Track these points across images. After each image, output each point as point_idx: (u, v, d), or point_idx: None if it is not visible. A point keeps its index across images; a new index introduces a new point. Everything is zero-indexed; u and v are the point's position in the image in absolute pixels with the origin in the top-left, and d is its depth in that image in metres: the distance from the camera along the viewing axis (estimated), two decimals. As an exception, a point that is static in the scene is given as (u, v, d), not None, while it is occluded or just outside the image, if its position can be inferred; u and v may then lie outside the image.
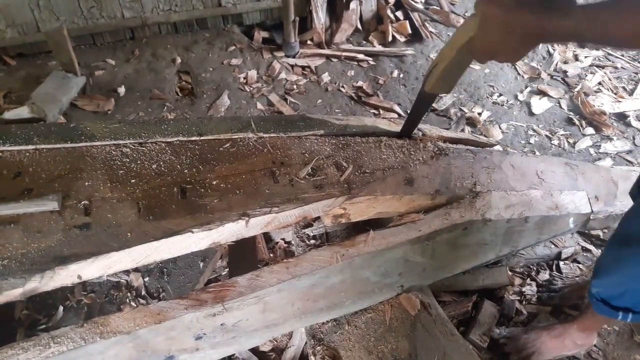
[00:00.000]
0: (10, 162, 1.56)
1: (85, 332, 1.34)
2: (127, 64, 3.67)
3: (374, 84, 3.75)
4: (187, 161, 1.60)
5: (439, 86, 1.56)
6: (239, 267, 1.76)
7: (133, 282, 2.34)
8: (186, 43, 3.87)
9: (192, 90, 3.55)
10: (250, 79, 3.64)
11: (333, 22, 4.10)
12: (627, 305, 1.64)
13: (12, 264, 1.29)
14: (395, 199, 1.60)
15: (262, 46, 3.94)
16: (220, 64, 3.73)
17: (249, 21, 4.04)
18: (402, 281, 1.73)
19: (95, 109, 3.26)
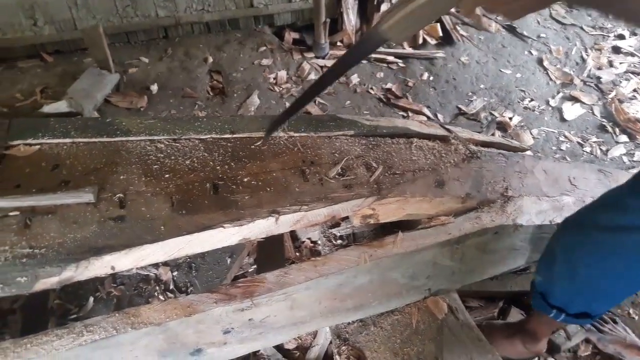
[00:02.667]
0: (48, 154, 1.61)
1: (117, 322, 1.37)
2: (160, 62, 3.74)
3: (403, 86, 3.74)
4: (220, 158, 1.63)
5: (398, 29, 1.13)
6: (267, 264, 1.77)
7: (162, 276, 2.39)
8: (218, 43, 3.92)
9: (223, 89, 3.60)
10: (280, 80, 3.67)
11: (363, 23, 4.10)
12: (561, 306, 1.58)
13: (49, 253, 1.33)
14: (425, 201, 1.59)
15: (293, 47, 3.97)
16: (251, 64, 3.77)
17: (280, 22, 4.07)
18: (430, 284, 1.73)
19: (128, 105, 3.33)
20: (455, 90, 3.78)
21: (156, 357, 1.46)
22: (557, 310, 1.59)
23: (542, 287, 1.62)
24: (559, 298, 1.58)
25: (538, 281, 1.64)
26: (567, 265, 1.50)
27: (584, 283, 1.49)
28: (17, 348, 1.36)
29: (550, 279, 1.59)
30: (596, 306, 1.57)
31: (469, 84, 3.84)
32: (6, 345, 1.37)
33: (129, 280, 2.38)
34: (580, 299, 1.55)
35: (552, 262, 1.57)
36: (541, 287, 1.63)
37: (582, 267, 1.45)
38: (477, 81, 3.87)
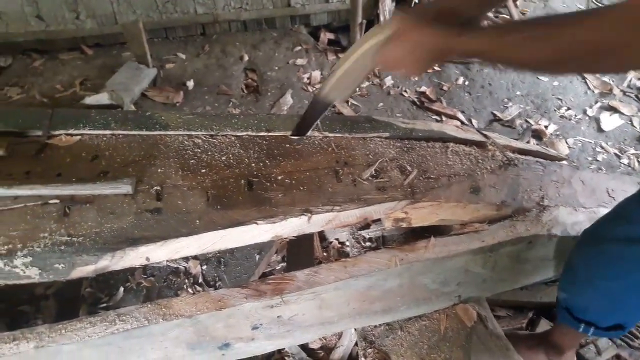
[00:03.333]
0: (88, 145, 1.65)
1: (149, 313, 1.40)
2: (197, 58, 3.79)
3: (438, 90, 3.70)
4: (255, 155, 1.64)
5: (335, 91, 1.46)
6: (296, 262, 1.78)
7: (191, 269, 2.42)
8: (254, 41, 3.96)
9: (257, 87, 3.63)
10: (313, 80, 3.68)
11: (400, 26, 4.08)
12: (590, 320, 1.53)
13: (86, 241, 1.36)
14: (460, 206, 1.58)
15: (327, 47, 3.98)
16: (286, 63, 3.79)
17: (316, 22, 4.08)
18: (460, 291, 1.71)
19: (164, 100, 3.38)
20: (490, 96, 3.72)
21: (185, 349, 1.48)
22: (586, 324, 1.55)
23: (566, 302, 1.59)
24: (585, 312, 1.54)
25: (562, 297, 1.61)
26: (587, 279, 1.47)
27: (606, 296, 1.46)
28: (52, 333, 1.40)
29: (573, 293, 1.56)
30: (628, 318, 1.53)
31: (504, 90, 3.78)
32: (41, 330, 1.41)
33: (159, 272, 2.42)
34: (608, 313, 1.51)
35: (573, 276, 1.54)
36: (566, 302, 1.60)
37: (602, 280, 1.42)
38: (513, 87, 3.81)
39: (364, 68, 1.37)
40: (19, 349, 1.38)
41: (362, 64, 1.35)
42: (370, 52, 1.29)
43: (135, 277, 2.38)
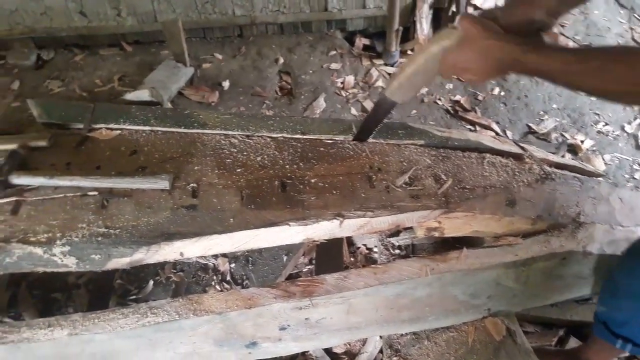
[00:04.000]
0: (128, 139, 1.69)
1: (180, 307, 1.42)
2: (233, 59, 3.84)
3: (473, 100, 3.66)
4: (289, 157, 1.65)
5: (399, 93, 1.45)
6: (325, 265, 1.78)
7: (220, 267, 2.44)
8: (290, 44, 3.98)
9: (290, 90, 3.65)
10: (347, 84, 3.68)
11: (436, 34, 4.05)
12: (628, 336, 1.50)
13: (123, 234, 1.40)
14: (494, 219, 1.56)
15: (362, 53, 3.98)
16: (320, 67, 3.81)
17: (352, 27, 4.09)
18: (490, 304, 1.68)
19: (200, 99, 3.43)
20: (526, 108, 3.67)
21: (213, 345, 1.50)
22: (624, 340, 1.52)
23: (605, 316, 1.56)
24: (624, 327, 1.51)
25: (601, 310, 1.58)
26: (629, 293, 1.44)
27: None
28: (85, 322, 1.43)
29: (613, 307, 1.53)
30: None
31: (541, 103, 3.72)
32: (75, 318, 1.45)
33: (188, 267, 2.46)
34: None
35: (614, 289, 1.51)
36: (604, 316, 1.57)
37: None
38: (550, 100, 3.74)
39: (431, 70, 1.36)
40: (53, 335, 1.42)
41: (429, 65, 1.33)
42: (438, 54, 1.27)
43: (165, 271, 2.42)
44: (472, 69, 1.21)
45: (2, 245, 1.38)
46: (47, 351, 1.48)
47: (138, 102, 2.86)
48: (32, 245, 1.38)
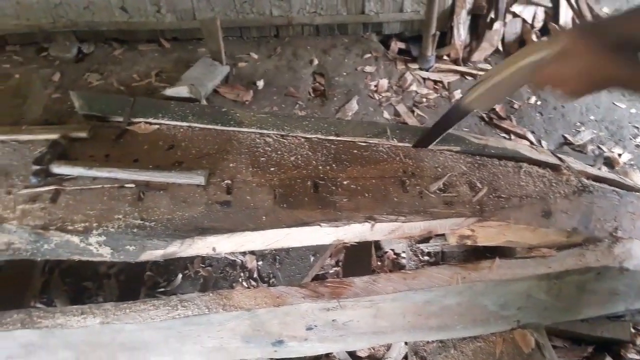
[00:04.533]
0: (166, 134, 1.72)
1: (210, 302, 1.43)
2: (268, 59, 3.87)
3: (508, 108, 3.61)
4: (323, 158, 1.66)
5: (481, 101, 1.40)
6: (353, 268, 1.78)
7: (247, 264, 2.46)
8: (325, 46, 4.00)
9: (324, 92, 3.66)
10: (380, 88, 3.67)
11: (473, 40, 4.01)
12: None
13: (158, 226, 1.42)
14: (529, 229, 1.53)
15: (397, 56, 3.96)
16: (354, 70, 3.81)
17: (388, 31, 4.08)
18: (520, 316, 1.65)
19: (234, 97, 3.47)
20: (562, 119, 3.60)
21: (240, 341, 1.51)
22: None
23: None
24: None
25: None
26: None
27: None
28: (117, 311, 1.46)
29: None
30: None
31: (577, 114, 3.64)
32: (108, 307, 1.48)
33: (217, 262, 2.49)
34: None
35: None
36: None
37: None
38: (587, 112, 3.66)
39: (519, 81, 1.32)
40: (85, 322, 1.45)
41: (518, 76, 1.30)
42: (530, 65, 1.23)
43: (194, 265, 2.45)
44: (571, 84, 1.15)
45: (41, 232, 1.42)
46: (79, 338, 1.51)
47: (177, 98, 2.91)
48: (70, 233, 1.41)
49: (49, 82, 3.71)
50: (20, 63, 3.94)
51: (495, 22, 3.86)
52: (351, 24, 4.01)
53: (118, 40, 4.09)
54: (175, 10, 3.86)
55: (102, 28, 3.94)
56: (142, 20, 3.89)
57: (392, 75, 3.80)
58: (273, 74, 3.74)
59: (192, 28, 3.93)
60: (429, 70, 3.82)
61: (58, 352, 1.57)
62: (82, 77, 3.78)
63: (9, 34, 3.98)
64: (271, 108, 3.44)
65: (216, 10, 3.84)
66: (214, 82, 3.43)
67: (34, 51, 4.06)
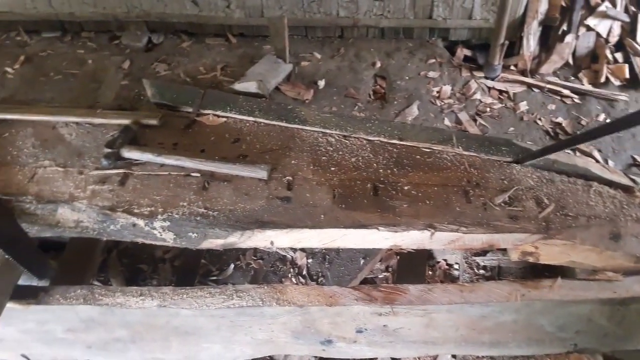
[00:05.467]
0: (232, 127, 1.75)
1: (264, 294, 1.46)
2: (331, 60, 3.88)
3: (575, 124, 3.47)
4: (384, 162, 1.65)
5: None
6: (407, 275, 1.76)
7: (297, 260, 2.48)
8: (389, 49, 3.97)
9: (384, 95, 3.63)
10: (443, 94, 3.61)
11: (543, 51, 3.88)
12: None
13: (220, 216, 1.45)
14: (595, 251, 1.47)
15: (462, 64, 3.88)
16: (417, 75, 3.76)
17: (454, 37, 4.00)
18: (578, 340, 1.59)
19: (295, 96, 3.50)
20: (633, 139, 3.42)
21: (290, 336, 1.52)
22: None
23: None
24: None
25: None
26: None
27: None
28: (174, 296, 1.50)
29: None
30: None
31: (650, 135, 3.46)
32: (165, 291, 1.52)
33: (268, 256, 2.51)
34: None
35: None
36: None
37: None
38: (661, 133, 3.47)
39: None
40: (144, 304, 1.50)
41: None
42: None
43: (246, 257, 2.49)
44: None
45: (108, 213, 1.48)
46: (136, 318, 1.57)
47: (244, 93, 2.96)
48: (136, 216, 1.46)
49: (119, 69, 3.86)
50: (93, 49, 4.11)
51: (567, 35, 3.71)
52: (417, 29, 3.96)
53: (187, 32, 4.19)
54: (245, 7, 3.92)
55: (173, 20, 4.05)
56: (212, 14, 3.98)
57: (456, 82, 3.72)
58: (334, 74, 3.74)
59: (259, 25, 3.98)
60: (494, 80, 3.72)
61: (115, 330, 1.64)
62: (151, 66, 3.90)
63: (85, 21, 4.16)
64: (330, 108, 3.44)
65: (284, 9, 3.88)
66: (277, 80, 3.46)
67: (107, 39, 4.22)
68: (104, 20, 4.15)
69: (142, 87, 3.58)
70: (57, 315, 1.58)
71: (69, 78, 3.75)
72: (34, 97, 3.53)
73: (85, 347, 1.74)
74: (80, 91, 3.58)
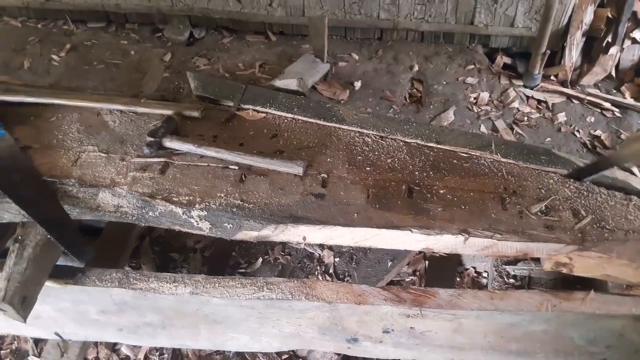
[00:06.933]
0: (271, 123, 1.78)
1: (294, 288, 1.48)
2: (368, 61, 3.89)
3: (615, 138, 3.40)
4: (420, 164, 1.65)
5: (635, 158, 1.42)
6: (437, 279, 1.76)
7: (324, 258, 2.50)
8: (427, 53, 3.95)
9: (420, 98, 3.62)
10: (480, 100, 3.58)
11: (585, 62, 3.80)
12: None
13: (255, 209, 1.48)
14: (631, 266, 1.44)
15: (502, 71, 3.84)
16: (455, 80, 3.74)
17: (495, 44, 3.96)
18: (608, 355, 1.56)
19: (331, 95, 3.52)
20: (675, 156, 3.33)
21: (316, 332, 1.54)
22: None
23: None
24: None
25: None
26: None
27: None
28: (207, 284, 1.54)
29: None
30: None
31: (694, 153, 3.36)
32: (198, 279, 1.56)
33: (296, 252, 2.54)
34: None
35: None
36: None
37: None
38: None
39: None
40: (176, 290, 1.54)
41: None
42: None
43: (274, 251, 2.52)
44: None
45: (148, 199, 1.52)
46: (168, 304, 1.61)
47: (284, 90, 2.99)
48: (174, 204, 1.50)
49: (160, 61, 3.95)
50: (136, 41, 4.22)
51: (611, 47, 3.64)
52: (458, 34, 3.94)
53: (228, 29, 4.26)
54: (286, 5, 3.96)
55: (215, 16, 4.12)
56: (254, 12, 4.03)
57: (494, 89, 3.69)
58: (371, 76, 3.75)
59: (300, 24, 4.03)
60: (534, 89, 3.67)
61: (147, 314, 1.69)
62: (191, 60, 3.98)
63: (130, 12, 4.28)
64: (365, 109, 3.45)
65: (325, 9, 3.91)
66: (314, 79, 3.49)
67: (150, 31, 4.33)
68: (148, 12, 4.25)
69: (182, 79, 3.68)
70: (92, 297, 1.63)
71: (112, 68, 3.87)
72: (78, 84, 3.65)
73: (117, 329, 1.80)
74: (124, 81, 3.68)
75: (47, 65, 3.90)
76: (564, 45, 3.70)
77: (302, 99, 1.85)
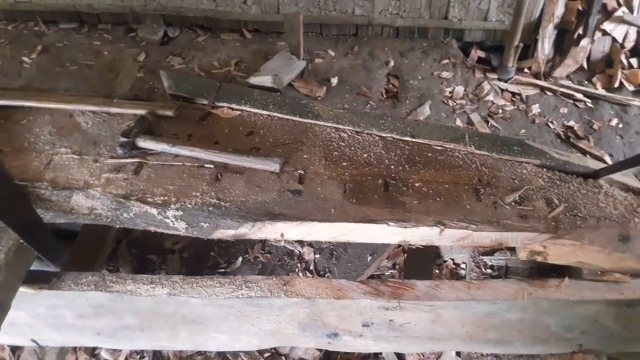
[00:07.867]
0: (246, 121, 1.77)
1: (273, 285, 1.47)
2: (344, 57, 3.89)
3: (587, 128, 3.46)
4: (396, 158, 1.66)
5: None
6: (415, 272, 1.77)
7: (305, 255, 2.50)
8: (403, 48, 3.98)
9: (396, 94, 3.64)
10: (455, 94, 3.61)
11: (557, 55, 3.87)
12: None
13: (232, 207, 1.47)
14: (603, 252, 1.47)
15: (476, 65, 3.88)
16: (430, 75, 3.76)
17: (469, 38, 4.00)
18: (583, 340, 1.59)
19: (307, 92, 3.52)
20: (645, 144, 3.41)
21: (296, 328, 1.54)
22: None
23: None
24: None
25: None
26: None
27: None
28: (184, 285, 1.52)
29: None
30: None
31: (663, 140, 3.44)
32: (176, 280, 1.55)
33: (275, 250, 2.53)
34: None
35: None
36: None
37: None
38: (675, 139, 3.45)
39: None
40: (154, 292, 1.52)
41: None
42: None
43: (254, 250, 2.51)
44: None
45: (122, 201, 1.50)
46: (145, 305, 1.59)
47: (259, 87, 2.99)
48: (149, 205, 1.48)
49: (134, 61, 3.90)
50: (110, 41, 4.16)
51: (582, 39, 3.70)
52: (432, 29, 3.97)
53: (202, 27, 4.23)
54: (261, 3, 3.95)
55: (189, 14, 4.09)
56: (228, 9, 4.01)
57: (469, 83, 3.72)
58: (347, 72, 3.76)
59: (275, 21, 4.01)
60: (508, 82, 3.72)
61: (124, 317, 1.66)
62: (166, 59, 3.94)
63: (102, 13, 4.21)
64: (342, 106, 3.46)
65: (300, 6, 3.90)
66: (290, 76, 3.48)
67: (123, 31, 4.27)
68: (121, 12, 4.20)
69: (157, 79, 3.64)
70: (68, 301, 1.61)
71: (85, 69, 3.80)
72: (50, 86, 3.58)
73: (94, 333, 1.77)
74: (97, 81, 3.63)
75: (18, 67, 3.82)
76: (536, 38, 3.75)
77: (277, 96, 1.85)
